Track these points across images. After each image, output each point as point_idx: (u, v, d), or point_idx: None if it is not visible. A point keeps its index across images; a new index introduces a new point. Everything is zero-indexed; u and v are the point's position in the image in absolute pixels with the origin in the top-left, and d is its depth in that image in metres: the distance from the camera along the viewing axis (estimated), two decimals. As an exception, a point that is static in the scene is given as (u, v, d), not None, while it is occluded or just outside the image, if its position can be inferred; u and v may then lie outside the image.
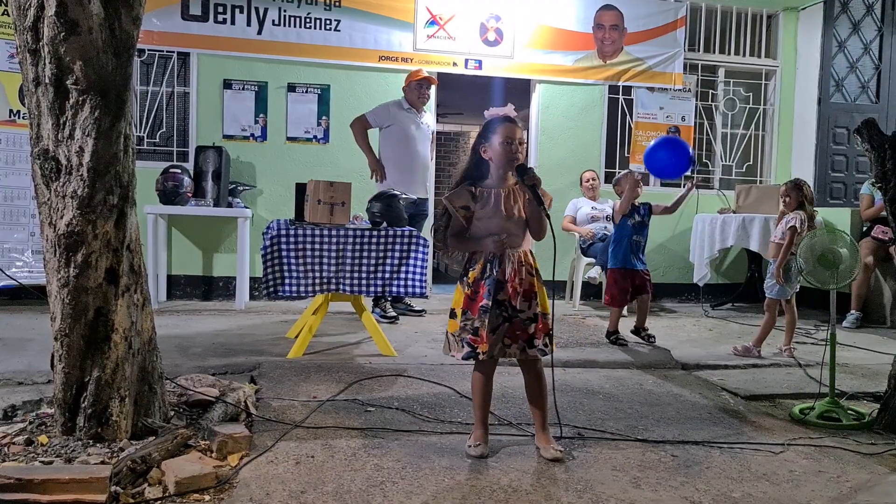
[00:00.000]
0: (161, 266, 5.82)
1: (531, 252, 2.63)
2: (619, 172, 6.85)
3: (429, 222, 6.14)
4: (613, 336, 4.61)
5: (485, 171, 2.60)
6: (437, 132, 5.87)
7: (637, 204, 4.66)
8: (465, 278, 2.58)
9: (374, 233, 4.03)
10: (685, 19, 6.87)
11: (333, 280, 3.98)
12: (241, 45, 6.06)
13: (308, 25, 6.15)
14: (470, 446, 2.56)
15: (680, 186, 6.88)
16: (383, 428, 2.80)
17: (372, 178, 5.42)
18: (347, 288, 4.00)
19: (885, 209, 3.24)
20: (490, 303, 2.50)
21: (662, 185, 6.94)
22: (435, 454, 2.55)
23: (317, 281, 3.97)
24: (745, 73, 7.22)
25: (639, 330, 4.65)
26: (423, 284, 4.14)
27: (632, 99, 6.88)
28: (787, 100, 7.21)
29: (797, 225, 4.19)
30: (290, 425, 2.76)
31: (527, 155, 6.31)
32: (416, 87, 5.43)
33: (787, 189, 4.35)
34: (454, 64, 6.42)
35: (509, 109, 2.60)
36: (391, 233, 4.05)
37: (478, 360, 2.54)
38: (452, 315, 2.61)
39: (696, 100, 7.03)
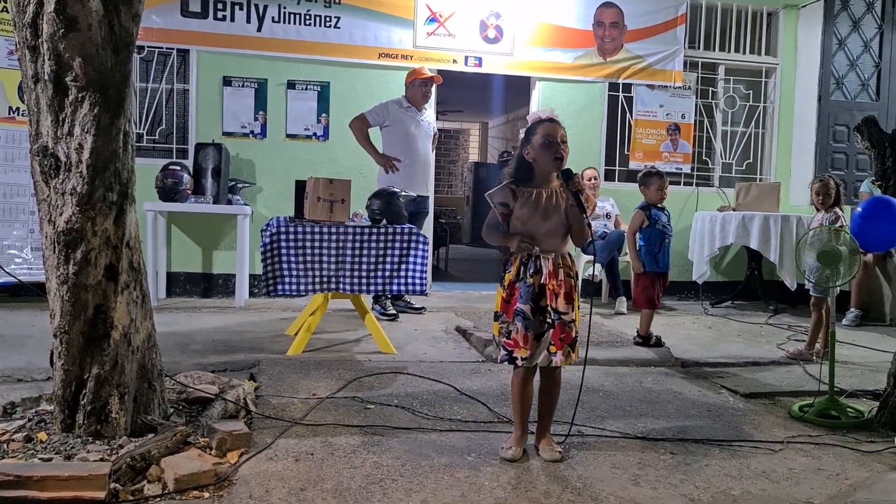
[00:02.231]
0: (160, 263, 5.81)
1: (570, 255, 2.62)
2: (644, 170, 6.82)
3: (429, 220, 6.17)
4: (656, 338, 4.50)
5: (528, 173, 2.59)
6: (437, 129, 5.84)
7: (662, 207, 4.62)
8: (502, 280, 2.59)
9: (374, 230, 4.03)
10: (685, 17, 6.86)
11: (333, 279, 3.98)
12: (240, 42, 6.05)
13: (308, 22, 6.14)
14: (503, 448, 2.55)
15: (681, 185, 6.90)
16: (383, 425, 2.80)
17: (387, 172, 5.38)
18: (348, 287, 3.99)
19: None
20: (526, 307, 2.49)
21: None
22: (435, 452, 2.55)
23: (316, 279, 3.96)
24: (746, 70, 7.22)
25: (647, 339, 4.50)
26: (424, 282, 4.14)
27: (632, 97, 6.88)
28: (787, 97, 7.20)
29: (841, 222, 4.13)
30: (290, 422, 2.76)
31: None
32: (420, 86, 5.42)
33: (818, 188, 4.30)
34: (454, 61, 6.41)
35: (551, 112, 2.61)
36: (391, 230, 4.05)
37: (515, 364, 2.52)
38: (496, 318, 2.61)
39: (696, 97, 7.02)
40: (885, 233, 3.33)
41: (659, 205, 4.60)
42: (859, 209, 3.48)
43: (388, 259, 4.03)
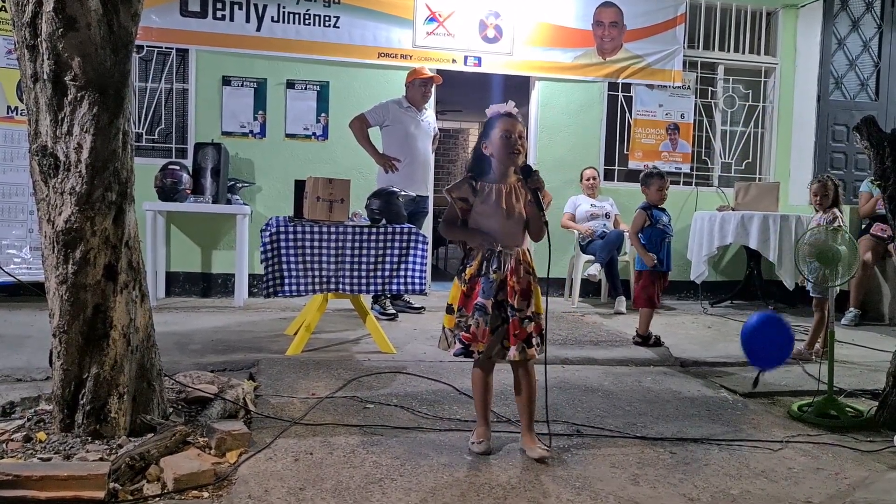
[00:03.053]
0: (160, 263, 5.81)
1: (529, 251, 2.62)
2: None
3: (429, 220, 6.16)
4: (655, 337, 4.51)
5: (487, 168, 2.59)
6: (438, 129, 5.84)
7: (662, 207, 4.64)
8: (462, 274, 2.58)
9: (374, 230, 4.03)
10: (685, 16, 6.86)
11: (333, 279, 3.97)
12: (239, 42, 6.05)
13: (307, 22, 6.14)
14: (473, 443, 2.57)
15: (680, 184, 6.90)
16: (382, 425, 2.80)
17: (387, 172, 5.37)
18: (347, 287, 3.99)
19: (883, 206, 3.24)
20: (487, 302, 2.49)
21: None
22: (434, 451, 2.55)
23: (316, 279, 3.96)
24: (745, 70, 7.22)
25: (646, 338, 4.51)
26: (423, 281, 4.14)
27: (631, 96, 6.88)
28: (786, 97, 7.21)
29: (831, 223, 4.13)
30: (289, 422, 2.76)
31: (526, 153, 6.45)
32: (420, 86, 5.42)
33: (816, 188, 4.31)
34: (453, 61, 6.41)
35: (509, 106, 2.61)
36: (390, 230, 4.05)
37: (471, 357, 2.54)
38: (449, 310, 2.60)
39: (696, 97, 7.02)
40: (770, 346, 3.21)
41: (659, 205, 4.61)
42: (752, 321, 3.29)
43: (388, 259, 4.03)
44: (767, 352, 3.15)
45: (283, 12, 6.09)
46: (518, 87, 6.88)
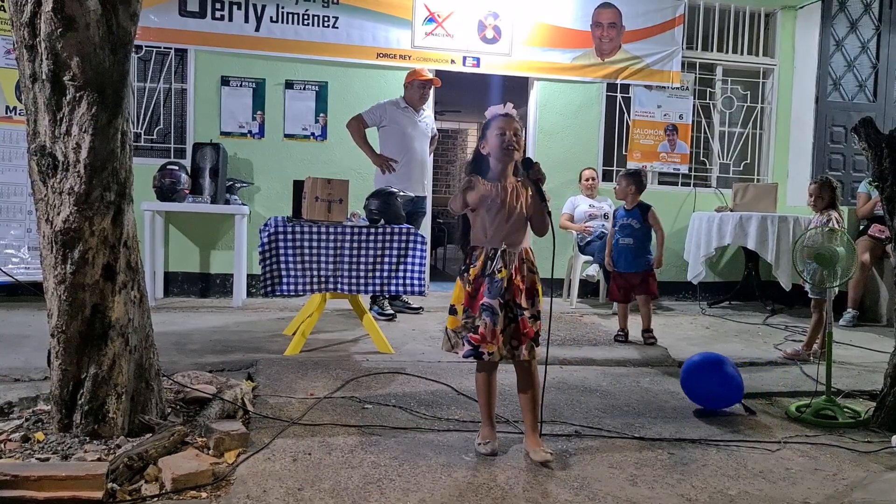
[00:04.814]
0: (158, 263, 5.81)
1: (531, 249, 2.63)
2: (620, 171, 6.89)
3: (427, 220, 6.17)
4: (625, 332, 4.70)
5: (485, 168, 2.61)
6: (437, 129, 5.84)
7: (629, 208, 4.77)
8: (465, 274, 2.58)
9: (372, 230, 4.03)
10: (683, 17, 6.86)
11: (332, 279, 3.97)
12: (238, 42, 6.05)
13: (306, 22, 6.14)
14: (479, 444, 2.57)
15: (679, 184, 6.91)
16: (380, 425, 2.80)
17: (384, 173, 5.37)
18: (346, 287, 3.99)
19: (881, 206, 3.25)
20: (494, 302, 2.49)
21: (660, 182, 6.96)
22: (432, 451, 2.55)
23: (314, 279, 3.96)
24: (743, 71, 7.23)
25: (642, 333, 4.63)
26: (422, 282, 4.13)
27: (629, 97, 6.88)
28: (784, 98, 7.21)
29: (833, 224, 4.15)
30: (287, 422, 2.76)
31: (524, 152, 6.43)
32: (418, 87, 5.42)
33: (811, 189, 4.31)
34: (452, 61, 6.41)
35: (506, 108, 2.62)
36: (389, 230, 4.05)
37: (481, 359, 2.53)
38: (452, 311, 2.61)
39: (694, 98, 7.03)
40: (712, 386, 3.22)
41: (628, 206, 4.77)
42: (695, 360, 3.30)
43: (386, 259, 4.03)
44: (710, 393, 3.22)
45: (282, 12, 6.09)
46: (517, 88, 6.88)
